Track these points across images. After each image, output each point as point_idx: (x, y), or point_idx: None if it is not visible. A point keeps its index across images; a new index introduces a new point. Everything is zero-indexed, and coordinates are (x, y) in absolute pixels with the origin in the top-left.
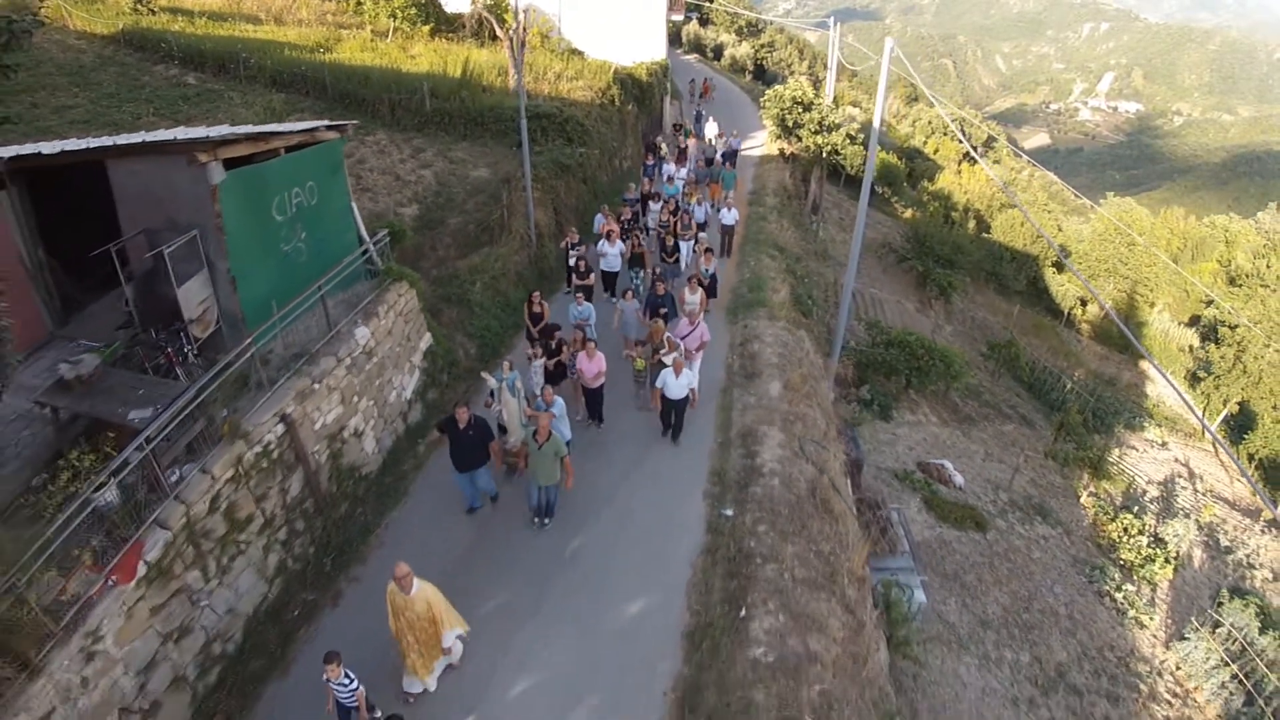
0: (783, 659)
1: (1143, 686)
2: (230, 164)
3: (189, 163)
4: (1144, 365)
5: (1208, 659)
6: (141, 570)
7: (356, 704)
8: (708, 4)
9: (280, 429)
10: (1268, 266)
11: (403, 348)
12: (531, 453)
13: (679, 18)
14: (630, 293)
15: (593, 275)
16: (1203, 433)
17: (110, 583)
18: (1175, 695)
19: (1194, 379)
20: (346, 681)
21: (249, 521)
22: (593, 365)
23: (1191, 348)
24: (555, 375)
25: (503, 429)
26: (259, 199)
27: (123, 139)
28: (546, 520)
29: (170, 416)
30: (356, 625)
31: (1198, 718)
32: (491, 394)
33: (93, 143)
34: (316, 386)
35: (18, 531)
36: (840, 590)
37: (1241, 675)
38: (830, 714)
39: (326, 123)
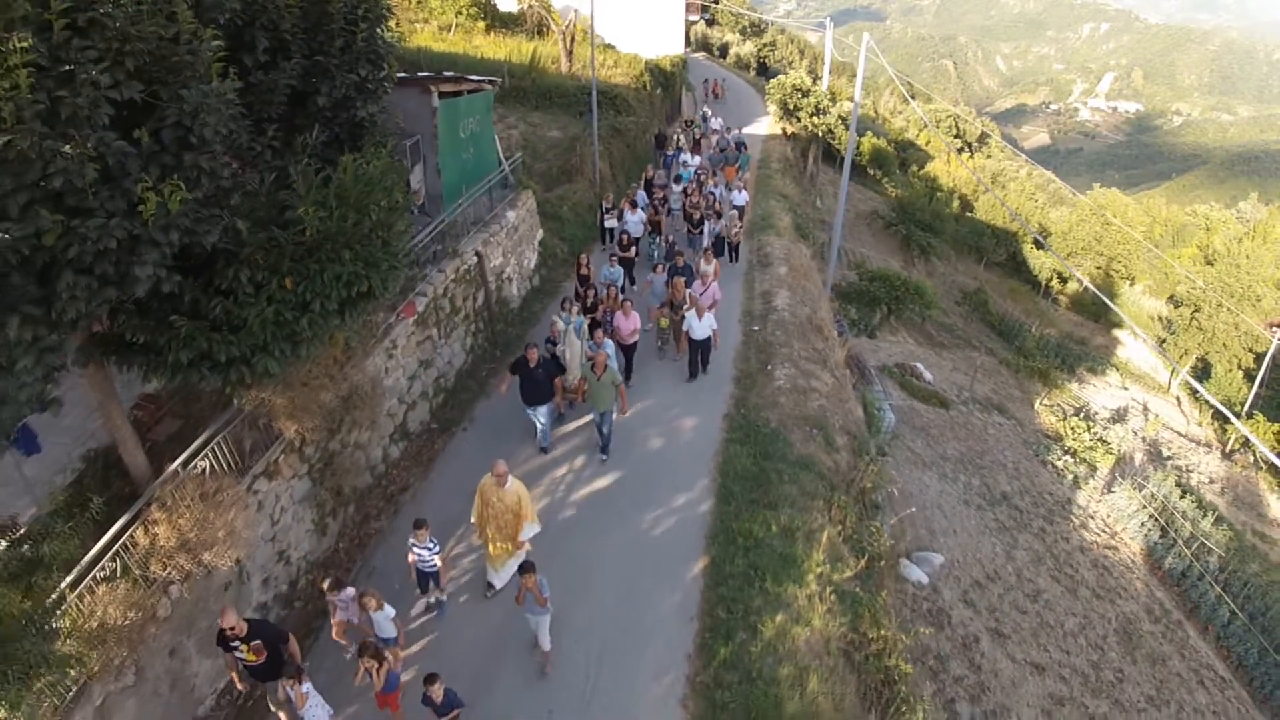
0: (795, 387)
1: (1075, 520)
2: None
3: (421, 91)
4: (1115, 332)
5: (1130, 504)
6: (415, 315)
7: (437, 569)
8: (714, 5)
9: (474, 259)
10: (1240, 247)
11: (529, 233)
12: (591, 384)
13: (694, 18)
14: (660, 266)
15: (634, 249)
16: (1168, 387)
17: (401, 317)
18: (1104, 532)
19: (1161, 344)
20: (431, 545)
21: (458, 311)
22: (629, 323)
23: (1160, 316)
24: (591, 328)
25: (562, 368)
26: (454, 121)
27: None
28: (604, 457)
29: (424, 239)
30: None
31: (1124, 549)
32: (550, 341)
33: None
34: (491, 239)
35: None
36: (830, 368)
37: (1158, 517)
38: (826, 416)
39: (488, 78)
